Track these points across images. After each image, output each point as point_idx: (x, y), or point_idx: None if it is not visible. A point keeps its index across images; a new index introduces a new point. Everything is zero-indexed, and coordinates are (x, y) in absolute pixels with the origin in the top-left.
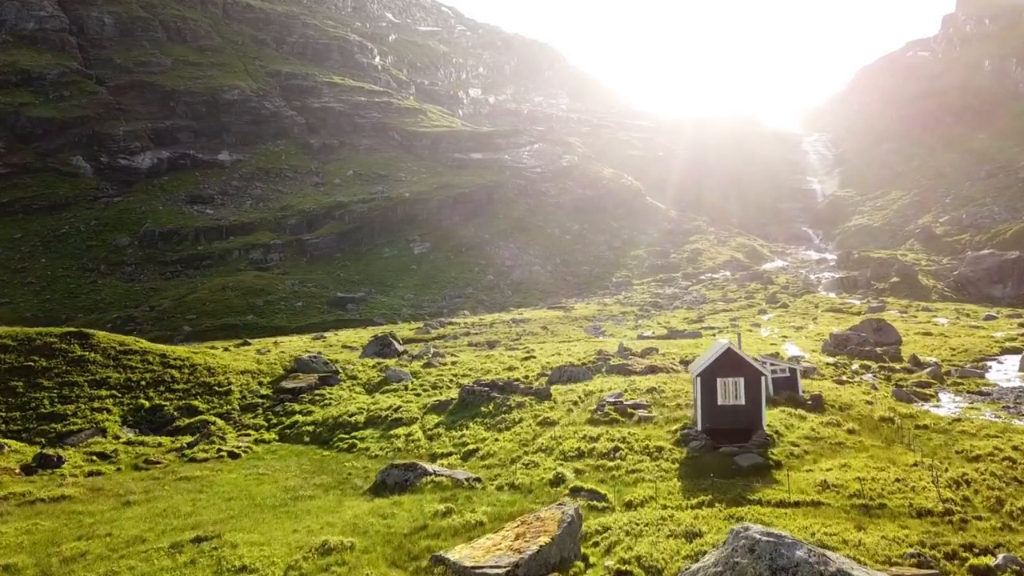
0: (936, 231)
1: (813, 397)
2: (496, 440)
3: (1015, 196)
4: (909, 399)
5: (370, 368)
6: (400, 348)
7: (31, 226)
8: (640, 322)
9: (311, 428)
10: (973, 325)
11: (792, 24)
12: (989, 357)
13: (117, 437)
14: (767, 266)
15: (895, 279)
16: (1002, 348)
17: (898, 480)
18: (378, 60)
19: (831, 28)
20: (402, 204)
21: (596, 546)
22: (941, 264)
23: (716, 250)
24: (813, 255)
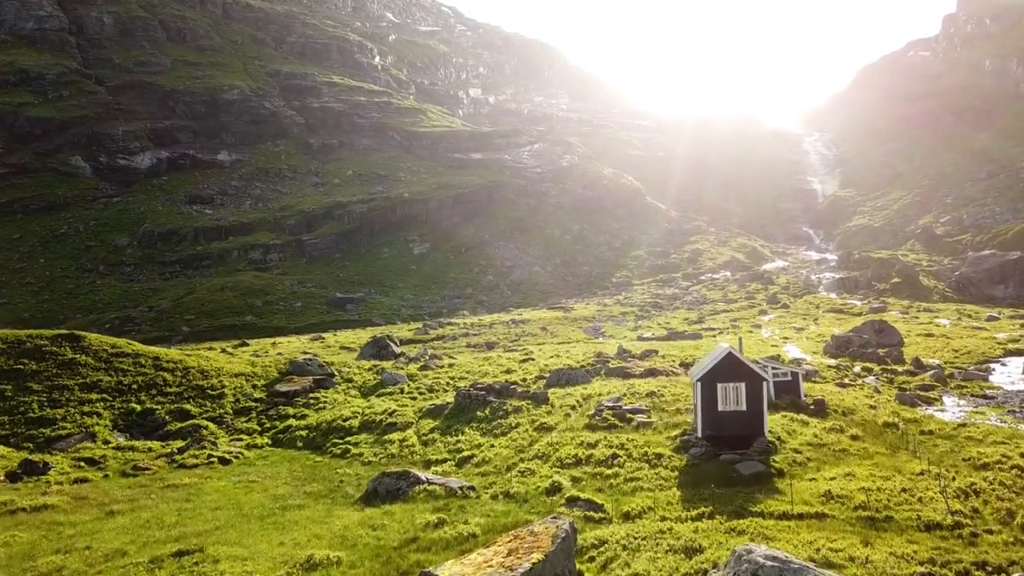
0: (937, 231)
1: (815, 402)
2: (492, 446)
3: (1016, 196)
4: (913, 403)
5: (366, 371)
6: (397, 350)
7: (30, 226)
8: (640, 323)
9: (304, 433)
10: (975, 326)
11: (792, 24)
12: (992, 359)
13: (107, 442)
14: (768, 266)
15: (896, 280)
16: (1005, 350)
17: (904, 490)
18: (378, 60)
19: (831, 28)
20: (402, 204)
21: (592, 561)
22: (942, 264)
23: (716, 250)
24: (814, 255)
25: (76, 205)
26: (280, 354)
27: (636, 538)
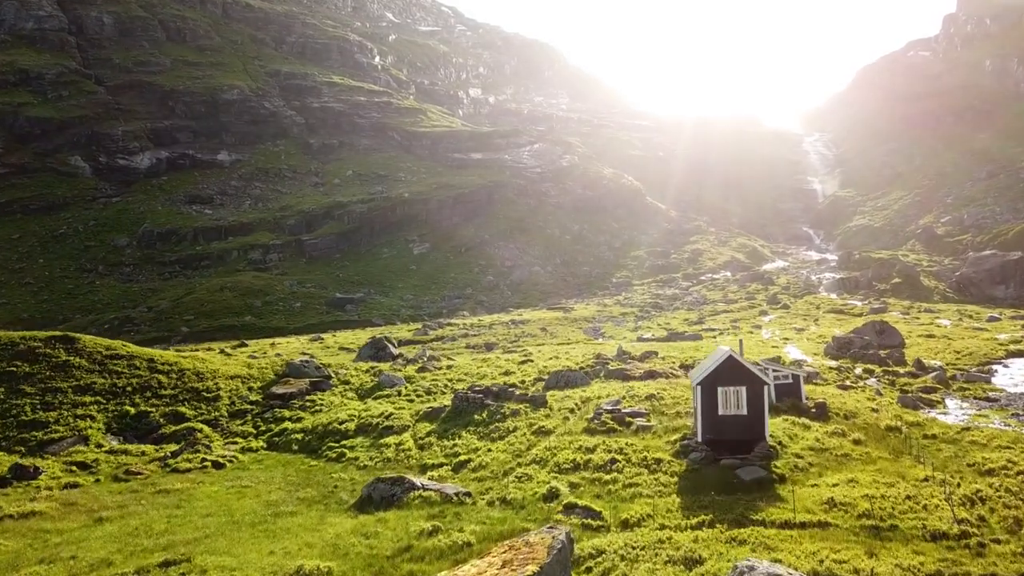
0: (937, 231)
1: (817, 405)
2: (489, 450)
3: (1017, 196)
4: (915, 405)
5: (363, 372)
6: (395, 351)
7: (29, 226)
8: (640, 323)
9: (300, 436)
10: (976, 327)
11: (793, 24)
12: (994, 360)
13: (100, 446)
14: (768, 267)
15: (896, 280)
16: (1007, 351)
17: (909, 497)
18: (378, 60)
19: (832, 28)
20: (401, 204)
21: (589, 572)
22: (943, 265)
23: (716, 250)
24: (814, 255)
25: (75, 205)
26: (279, 355)
27: (634, 548)
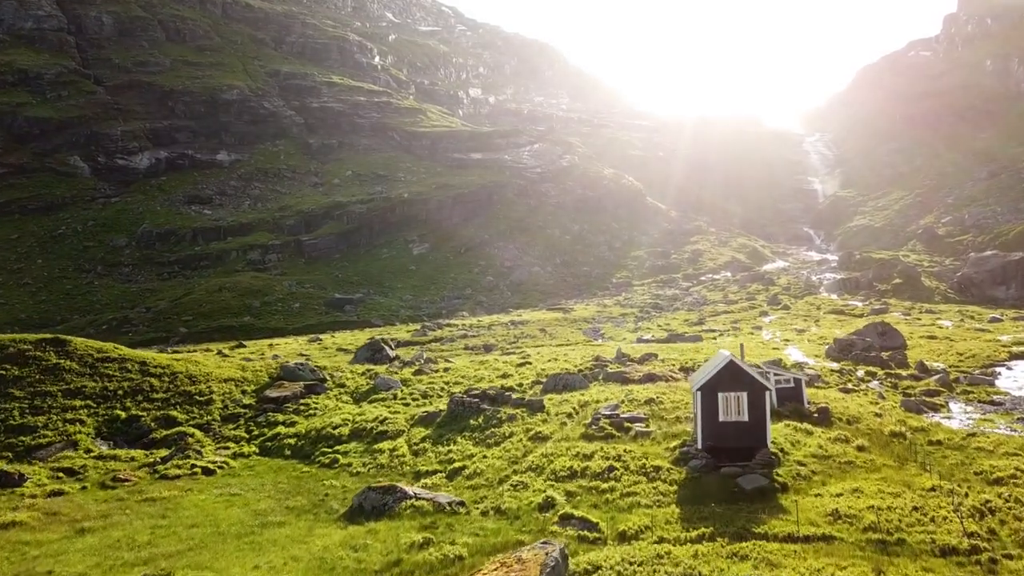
0: (938, 232)
1: (819, 409)
2: (484, 457)
3: (1018, 196)
4: (919, 409)
5: (359, 375)
6: (392, 354)
7: (28, 227)
8: (640, 324)
9: (293, 441)
10: (978, 328)
11: (793, 24)
12: (998, 363)
13: (89, 451)
14: (768, 267)
15: (897, 280)
16: (1010, 353)
17: (916, 508)
18: (378, 60)
19: (832, 28)
20: (401, 204)
21: None
22: (944, 265)
23: (717, 251)
24: (814, 256)
25: (74, 205)
26: (276, 356)
27: (632, 563)
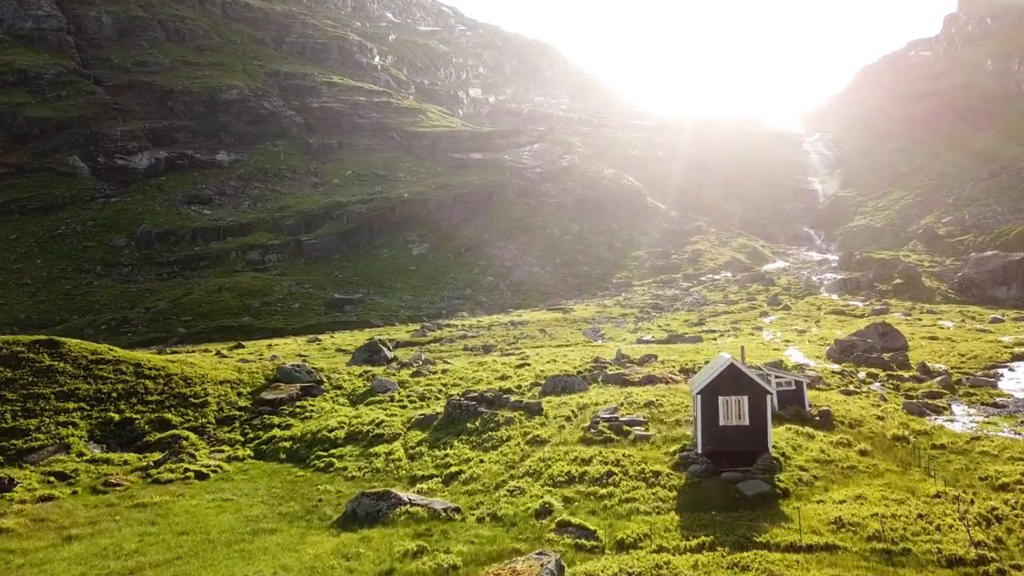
0: (939, 232)
1: (821, 413)
2: (481, 461)
3: (1018, 196)
4: (921, 412)
5: (356, 377)
6: (390, 355)
7: (27, 227)
8: (640, 325)
9: (288, 444)
10: (980, 329)
11: (793, 24)
12: (1000, 364)
13: (81, 454)
14: (768, 267)
15: (898, 280)
16: (1012, 355)
17: (921, 516)
18: (378, 60)
19: (832, 28)
20: (401, 204)
21: None
22: (944, 265)
23: (717, 251)
24: (815, 256)
25: (74, 205)
26: (275, 357)
27: (630, 574)
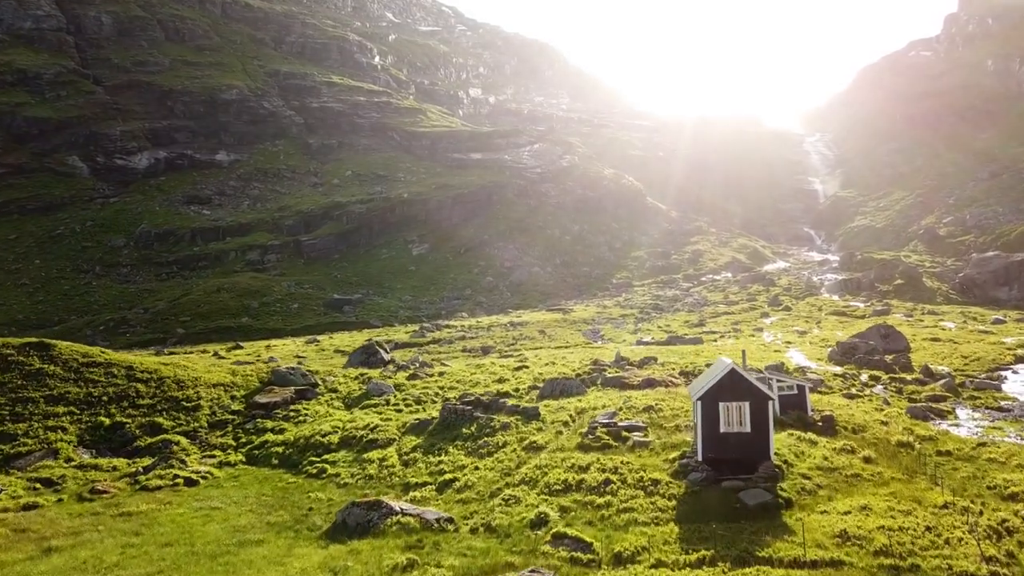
0: (940, 232)
1: (824, 418)
2: (476, 468)
3: (1019, 197)
4: (925, 416)
5: (352, 380)
6: (387, 357)
7: (26, 227)
8: (640, 325)
9: (281, 449)
10: (982, 330)
11: (794, 24)
12: (1003, 366)
13: (70, 460)
14: (769, 267)
15: (899, 281)
16: (1015, 356)
17: (929, 529)
18: (378, 60)
19: (832, 28)
20: (401, 205)
21: None
22: (945, 266)
23: (717, 251)
24: (815, 256)
25: (73, 205)
26: (273, 358)
27: None
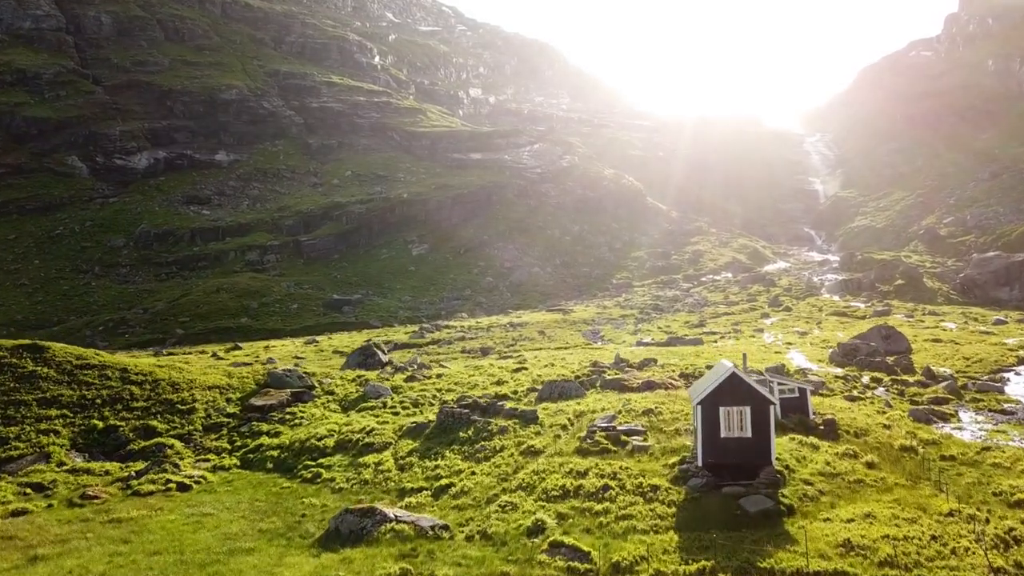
0: (940, 232)
1: (825, 421)
2: (473, 473)
3: (1020, 197)
4: (928, 419)
5: (349, 382)
6: (384, 359)
7: (25, 227)
8: (640, 326)
9: (276, 453)
10: (983, 331)
11: (794, 24)
12: (1006, 368)
13: (62, 464)
14: (769, 268)
15: (900, 281)
16: (1017, 357)
17: (935, 538)
18: (378, 60)
19: (833, 28)
20: (400, 205)
21: None
22: (946, 266)
23: (717, 251)
24: (816, 256)
25: (72, 205)
26: (271, 359)
27: None
